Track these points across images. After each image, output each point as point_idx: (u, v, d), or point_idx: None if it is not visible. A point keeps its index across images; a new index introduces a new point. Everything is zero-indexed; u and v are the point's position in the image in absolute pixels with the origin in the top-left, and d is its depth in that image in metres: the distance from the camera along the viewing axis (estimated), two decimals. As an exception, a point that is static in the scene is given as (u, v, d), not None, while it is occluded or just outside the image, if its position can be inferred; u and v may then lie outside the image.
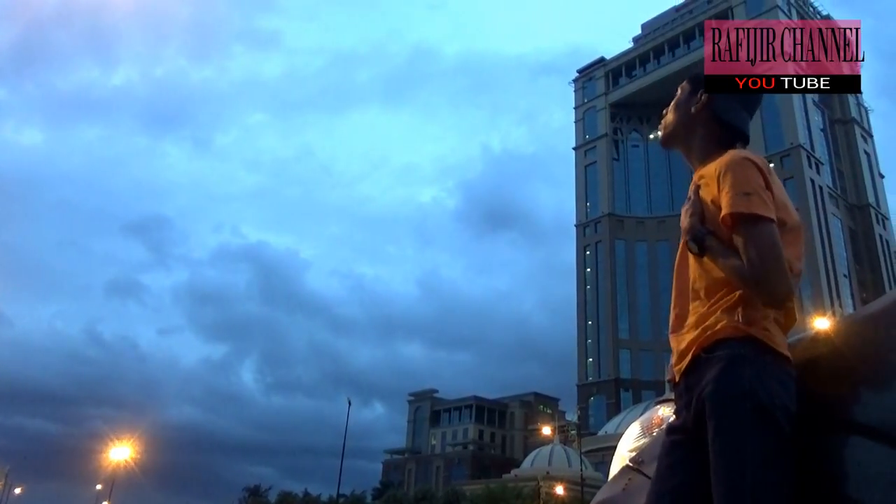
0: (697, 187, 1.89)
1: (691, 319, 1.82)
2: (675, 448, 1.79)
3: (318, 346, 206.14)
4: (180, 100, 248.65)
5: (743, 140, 1.96)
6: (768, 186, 1.75)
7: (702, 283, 1.81)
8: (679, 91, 2.08)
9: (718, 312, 1.73)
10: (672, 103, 2.08)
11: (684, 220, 1.85)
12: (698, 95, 2.00)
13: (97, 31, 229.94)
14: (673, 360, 1.91)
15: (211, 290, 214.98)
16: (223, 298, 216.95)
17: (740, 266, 1.66)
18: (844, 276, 65.95)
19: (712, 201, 1.79)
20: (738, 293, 1.74)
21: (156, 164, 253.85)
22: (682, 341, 1.82)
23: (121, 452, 35.03)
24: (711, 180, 1.82)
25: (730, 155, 1.82)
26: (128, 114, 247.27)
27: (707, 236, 1.76)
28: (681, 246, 1.92)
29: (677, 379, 1.85)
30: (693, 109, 2.00)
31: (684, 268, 1.90)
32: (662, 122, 2.10)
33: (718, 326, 1.71)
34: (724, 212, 1.71)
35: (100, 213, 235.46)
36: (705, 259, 1.80)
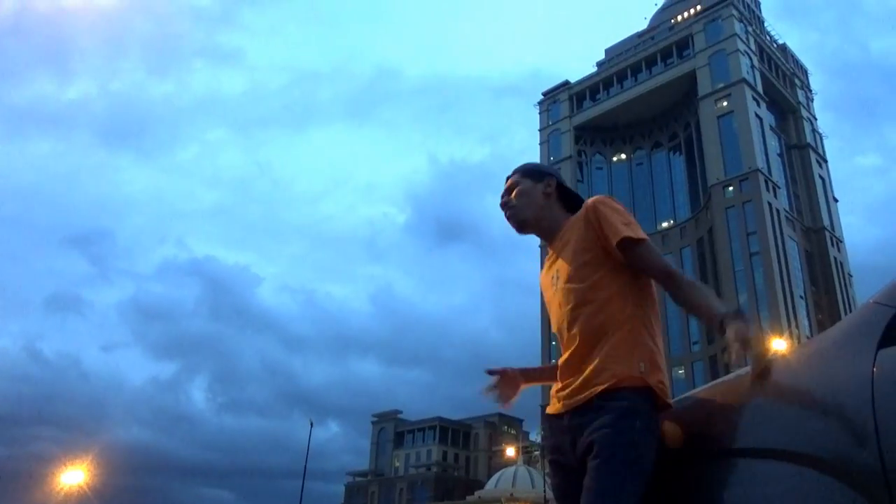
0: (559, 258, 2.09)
1: (590, 354, 1.90)
2: (568, 489, 1.89)
3: (271, 364, 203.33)
4: (138, 115, 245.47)
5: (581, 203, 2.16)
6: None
7: (602, 318, 1.92)
8: (515, 182, 2.23)
9: (621, 356, 1.86)
10: (514, 193, 2.21)
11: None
12: (546, 180, 2.21)
13: (53, 44, 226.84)
14: (558, 388, 1.97)
15: (157, 305, 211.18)
16: (170, 314, 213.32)
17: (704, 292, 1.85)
18: (801, 297, 67.43)
19: (582, 237, 1.99)
20: (640, 335, 1.91)
21: (112, 180, 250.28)
22: (576, 376, 1.91)
23: (71, 476, 33.89)
24: (574, 231, 2.03)
25: (590, 201, 2.04)
26: (83, 128, 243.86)
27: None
28: (563, 273, 2.02)
29: (561, 410, 1.92)
30: (546, 191, 2.20)
31: (570, 285, 1.99)
32: (509, 209, 2.21)
33: (620, 374, 1.83)
34: (616, 239, 1.90)
35: (51, 230, 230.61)
36: (607, 291, 1.94)
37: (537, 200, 2.19)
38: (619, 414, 1.77)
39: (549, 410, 2.01)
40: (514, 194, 2.22)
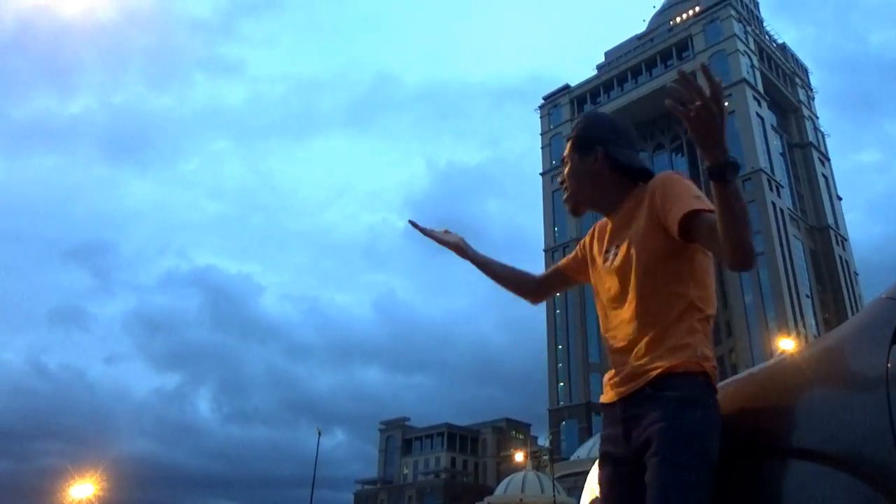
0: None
1: (638, 336, 1.78)
2: (617, 482, 1.79)
3: (275, 373, 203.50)
4: (140, 127, 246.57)
5: (645, 176, 1.96)
6: None
7: (647, 289, 1.80)
8: (567, 161, 2.06)
9: (674, 341, 1.73)
10: (566, 173, 2.06)
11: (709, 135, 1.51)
12: (594, 153, 1.98)
13: (54, 60, 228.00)
14: (610, 376, 1.86)
15: (161, 317, 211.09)
16: (174, 326, 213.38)
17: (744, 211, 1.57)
18: (807, 296, 67.20)
19: (647, 223, 1.83)
20: (696, 316, 1.76)
21: (114, 193, 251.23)
22: (628, 363, 1.79)
23: (80, 490, 33.89)
24: (640, 209, 1.87)
25: (659, 177, 1.88)
26: (86, 142, 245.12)
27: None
28: (622, 255, 1.89)
29: (614, 399, 1.82)
30: (595, 168, 1.98)
31: (628, 271, 1.85)
32: (565, 193, 2.08)
33: (675, 360, 1.70)
34: (683, 212, 1.72)
35: (54, 243, 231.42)
36: (667, 278, 1.79)
37: (584, 180, 2.02)
38: (676, 405, 1.64)
39: (602, 400, 1.90)
40: (566, 172, 2.07)
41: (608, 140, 2.00)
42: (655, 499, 1.57)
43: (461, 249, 2.31)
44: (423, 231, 2.33)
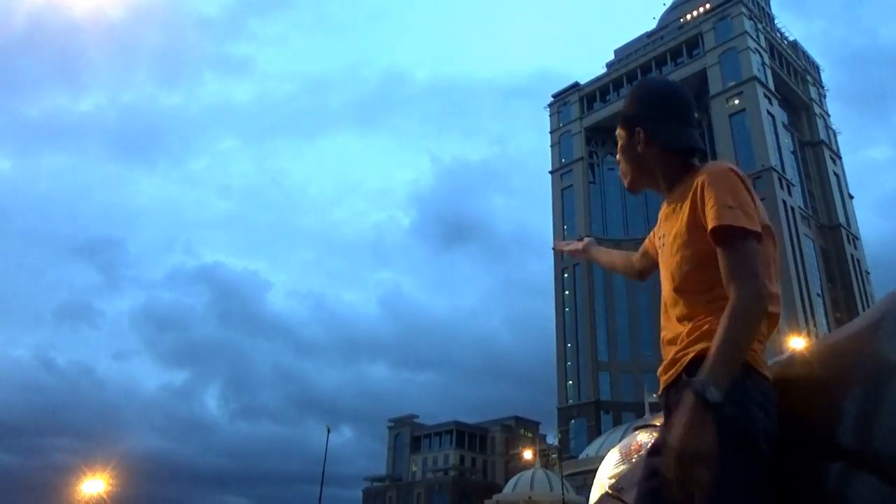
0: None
1: (682, 330, 1.78)
2: (657, 472, 1.73)
3: (282, 370, 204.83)
4: (150, 126, 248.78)
5: (697, 154, 1.91)
6: (752, 198, 1.71)
7: (691, 291, 1.78)
8: (619, 139, 2.01)
9: (706, 327, 1.69)
10: (619, 151, 2.02)
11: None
12: (636, 134, 1.93)
13: (65, 58, 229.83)
14: (659, 366, 1.87)
15: (168, 313, 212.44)
16: (181, 322, 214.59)
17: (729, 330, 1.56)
18: (818, 295, 66.77)
19: (689, 220, 1.76)
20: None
21: (123, 190, 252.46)
22: (669, 352, 1.81)
23: (91, 486, 34.10)
24: (685, 200, 1.79)
25: (708, 169, 1.78)
26: (96, 140, 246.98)
27: (706, 386, 1.51)
28: (668, 248, 1.86)
29: (661, 389, 1.83)
30: (639, 149, 1.93)
31: (673, 270, 1.84)
32: (620, 171, 2.06)
33: (704, 344, 1.66)
34: (710, 225, 1.65)
35: (62, 240, 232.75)
36: (696, 264, 1.75)
37: (630, 161, 1.98)
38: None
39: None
40: (618, 147, 2.02)
41: (648, 117, 1.92)
42: (699, 500, 1.49)
43: (588, 252, 2.52)
44: (564, 249, 2.57)
